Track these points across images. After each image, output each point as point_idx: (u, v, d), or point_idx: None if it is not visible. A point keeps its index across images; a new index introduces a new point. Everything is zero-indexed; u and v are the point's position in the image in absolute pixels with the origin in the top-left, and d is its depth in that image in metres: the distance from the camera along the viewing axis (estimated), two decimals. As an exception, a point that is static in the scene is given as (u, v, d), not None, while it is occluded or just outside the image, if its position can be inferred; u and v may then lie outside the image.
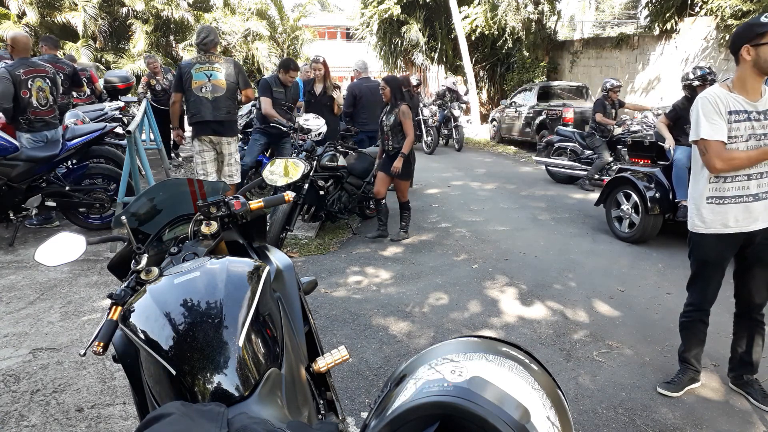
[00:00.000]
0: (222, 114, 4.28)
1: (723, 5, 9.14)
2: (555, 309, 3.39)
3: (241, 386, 0.93)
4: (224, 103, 4.27)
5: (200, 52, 4.32)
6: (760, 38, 2.05)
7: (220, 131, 4.34)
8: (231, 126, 4.42)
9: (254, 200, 1.48)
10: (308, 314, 1.50)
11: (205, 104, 4.22)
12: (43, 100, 4.46)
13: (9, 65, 4.39)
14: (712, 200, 2.27)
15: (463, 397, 0.64)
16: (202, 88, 4.21)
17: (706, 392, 2.49)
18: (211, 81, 4.21)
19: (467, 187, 7.41)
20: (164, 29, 15.95)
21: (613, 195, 5.06)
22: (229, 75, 4.27)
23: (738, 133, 2.18)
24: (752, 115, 2.16)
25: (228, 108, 4.31)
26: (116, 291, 1.18)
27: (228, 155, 4.46)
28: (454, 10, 13.67)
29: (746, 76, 2.16)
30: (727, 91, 2.20)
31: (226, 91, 4.25)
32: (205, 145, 4.38)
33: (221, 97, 4.24)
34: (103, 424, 2.15)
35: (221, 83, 4.24)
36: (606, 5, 21.25)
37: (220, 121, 4.29)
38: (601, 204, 5.23)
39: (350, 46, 25.76)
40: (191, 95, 4.24)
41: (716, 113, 2.17)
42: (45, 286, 3.56)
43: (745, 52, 2.11)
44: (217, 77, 4.23)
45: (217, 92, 4.23)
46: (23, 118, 4.38)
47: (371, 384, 2.51)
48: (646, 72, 11.89)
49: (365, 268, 4.13)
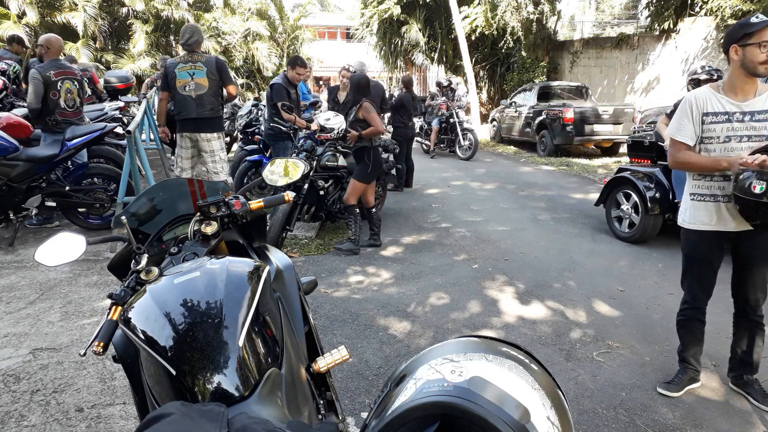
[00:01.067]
0: (206, 111, 4.37)
1: (723, 5, 9.15)
2: (555, 309, 3.39)
3: (241, 386, 0.93)
4: (208, 101, 4.35)
5: (184, 52, 4.44)
6: (747, 38, 2.05)
7: (203, 128, 4.44)
8: (215, 122, 4.48)
9: (254, 200, 1.48)
10: (308, 314, 1.50)
11: (190, 102, 4.34)
12: (70, 102, 4.59)
13: (40, 66, 4.48)
14: (694, 197, 2.32)
15: (463, 397, 0.64)
16: (185, 86, 4.33)
17: (706, 392, 2.49)
18: (194, 79, 4.32)
19: (467, 187, 7.41)
20: (164, 29, 15.94)
21: (612, 195, 5.04)
22: (210, 72, 4.33)
23: (713, 134, 2.21)
24: (735, 116, 2.16)
25: (212, 105, 4.38)
26: (116, 291, 1.18)
27: (210, 152, 4.51)
28: (454, 10, 13.68)
29: (735, 76, 2.17)
30: (713, 92, 2.21)
31: (208, 88, 4.33)
32: (184, 142, 4.51)
33: (204, 94, 4.33)
34: (103, 424, 2.15)
35: (203, 81, 4.32)
36: (606, 5, 21.25)
37: (203, 118, 4.39)
38: (600, 204, 5.21)
39: (350, 46, 25.76)
40: (177, 94, 4.37)
41: (687, 115, 2.23)
42: (45, 286, 3.55)
43: (733, 51, 2.12)
44: (200, 75, 4.32)
45: (200, 90, 4.33)
46: (50, 119, 4.47)
47: (371, 384, 2.51)
48: (645, 72, 11.89)
49: (365, 268, 4.13)
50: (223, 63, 4.49)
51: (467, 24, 14.42)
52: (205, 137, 4.45)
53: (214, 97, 4.37)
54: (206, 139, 4.46)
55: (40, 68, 4.43)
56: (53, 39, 4.71)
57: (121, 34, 15.77)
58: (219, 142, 4.52)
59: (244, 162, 5.72)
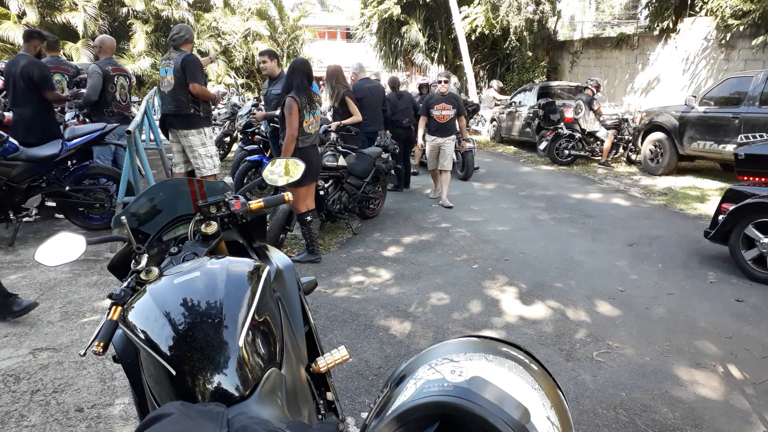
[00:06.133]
0: (172, 108, 4.44)
1: (723, 5, 9.14)
2: (555, 309, 3.39)
3: (241, 386, 0.93)
4: (175, 97, 4.40)
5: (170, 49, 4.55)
6: None
7: (175, 123, 4.52)
8: (187, 119, 4.49)
9: (254, 200, 1.48)
10: (308, 314, 1.50)
11: (164, 98, 4.48)
12: (123, 97, 5.20)
13: (100, 62, 5.10)
14: None
15: (463, 397, 0.64)
16: (162, 83, 4.48)
17: (706, 392, 2.49)
18: (167, 76, 4.40)
19: (467, 187, 7.40)
20: (164, 29, 15.93)
21: (740, 228, 3.90)
22: (176, 69, 4.36)
23: None
24: None
25: (178, 102, 4.41)
26: (116, 291, 1.18)
27: (189, 147, 4.54)
28: (454, 10, 13.68)
29: None
30: None
31: (175, 85, 4.37)
32: (171, 136, 4.63)
33: (172, 91, 4.39)
34: (103, 424, 2.15)
35: (171, 78, 4.39)
36: (606, 5, 21.26)
37: (171, 114, 4.48)
38: (719, 241, 4.07)
39: (350, 46, 25.75)
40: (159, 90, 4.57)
41: None
42: (45, 286, 3.55)
43: None
44: (170, 72, 4.39)
45: (169, 87, 4.40)
46: (107, 110, 5.05)
47: (371, 384, 2.51)
48: (645, 72, 11.89)
49: (365, 268, 4.13)
50: (189, 61, 4.37)
51: (467, 24, 14.41)
52: (182, 133, 4.51)
53: (181, 94, 4.39)
54: (183, 135, 4.52)
55: (100, 63, 5.02)
56: (107, 39, 5.36)
57: (121, 34, 15.77)
58: (197, 138, 4.53)
59: (244, 162, 5.71)
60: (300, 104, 3.76)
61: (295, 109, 3.73)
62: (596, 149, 8.90)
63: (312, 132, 3.97)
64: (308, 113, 3.88)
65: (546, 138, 9.21)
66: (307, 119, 3.88)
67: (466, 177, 7.72)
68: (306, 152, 3.89)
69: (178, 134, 4.54)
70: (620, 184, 7.58)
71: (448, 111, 6.14)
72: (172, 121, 4.52)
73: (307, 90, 3.88)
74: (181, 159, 4.66)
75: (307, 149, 3.95)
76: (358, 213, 5.53)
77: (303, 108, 3.80)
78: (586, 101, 8.55)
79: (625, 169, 8.68)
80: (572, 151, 8.97)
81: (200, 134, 4.54)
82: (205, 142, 4.58)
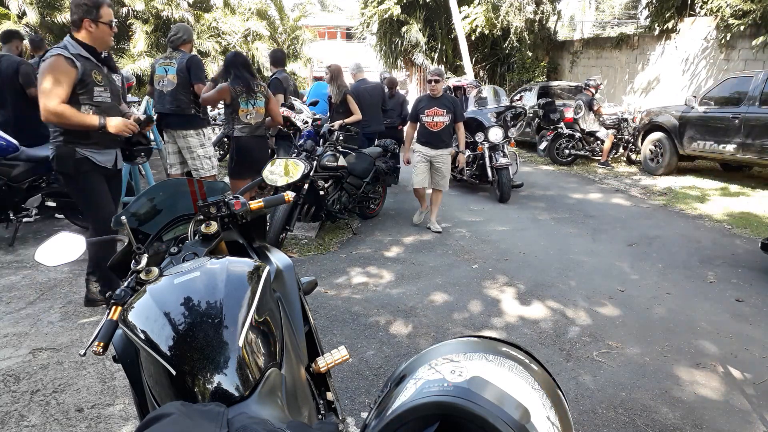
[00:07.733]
0: (172, 107, 4.43)
1: (723, 5, 9.14)
2: (555, 309, 3.39)
3: (241, 386, 0.93)
4: (176, 97, 4.40)
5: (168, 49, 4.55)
6: None
7: (173, 123, 4.51)
8: (186, 119, 4.49)
9: (254, 200, 1.48)
10: (308, 314, 1.50)
11: (162, 97, 4.45)
12: None
13: None
14: None
15: (463, 397, 0.64)
16: (160, 81, 4.45)
17: (706, 392, 2.49)
18: (167, 75, 4.40)
19: (467, 187, 7.40)
20: (164, 29, 15.91)
21: None
22: (180, 69, 4.37)
23: None
24: None
25: (178, 102, 4.42)
26: (116, 291, 1.18)
27: (186, 148, 4.54)
28: (454, 10, 13.68)
29: None
30: None
31: (177, 85, 4.38)
32: (167, 137, 4.62)
33: (172, 90, 4.40)
34: (103, 424, 2.15)
35: (173, 77, 4.39)
36: (606, 5, 21.26)
37: (171, 113, 4.47)
38: None
39: (350, 46, 25.76)
40: (155, 88, 4.52)
41: None
42: (45, 286, 3.55)
43: None
44: (172, 72, 4.40)
45: (170, 86, 4.40)
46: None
47: (371, 384, 2.51)
48: (646, 72, 11.89)
49: (365, 268, 4.13)
50: (194, 62, 4.43)
51: (467, 24, 14.41)
52: (180, 133, 4.51)
53: (183, 94, 4.40)
54: (181, 136, 4.51)
55: None
56: None
57: (121, 34, 15.76)
58: (197, 139, 4.53)
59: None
60: (234, 92, 4.00)
61: (222, 90, 4.03)
62: (596, 149, 8.91)
63: (251, 122, 4.12)
64: (245, 103, 4.05)
65: (546, 138, 9.21)
66: (243, 108, 4.06)
67: (502, 198, 6.37)
68: (242, 141, 4.10)
69: (175, 135, 4.52)
70: (620, 184, 7.58)
71: (442, 117, 4.95)
72: (171, 121, 4.51)
73: (247, 80, 4.05)
74: (177, 160, 4.64)
75: (244, 139, 4.12)
76: (358, 213, 5.53)
77: (238, 96, 4.02)
78: (586, 101, 8.55)
79: (625, 169, 8.68)
80: (572, 151, 8.98)
81: (199, 135, 4.54)
82: (204, 143, 4.58)
